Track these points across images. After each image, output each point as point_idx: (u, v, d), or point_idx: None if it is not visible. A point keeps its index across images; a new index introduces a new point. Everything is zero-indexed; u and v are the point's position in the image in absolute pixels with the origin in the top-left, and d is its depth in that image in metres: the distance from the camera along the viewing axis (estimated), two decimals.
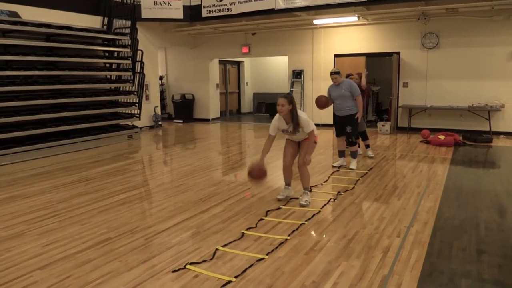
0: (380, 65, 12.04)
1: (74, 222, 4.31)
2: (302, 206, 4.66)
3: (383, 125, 10.50)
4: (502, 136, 9.71)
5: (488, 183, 5.72)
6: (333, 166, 6.63)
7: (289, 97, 4.50)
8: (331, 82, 6.56)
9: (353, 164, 6.54)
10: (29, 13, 8.72)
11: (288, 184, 4.98)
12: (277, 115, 4.62)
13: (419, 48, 10.48)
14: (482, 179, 6.01)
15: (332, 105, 6.66)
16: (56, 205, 4.89)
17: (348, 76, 7.83)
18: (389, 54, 10.76)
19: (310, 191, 5.06)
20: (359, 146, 7.42)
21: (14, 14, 8.40)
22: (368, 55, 11.05)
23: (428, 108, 10.26)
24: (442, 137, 8.66)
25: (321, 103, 6.50)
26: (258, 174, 4.48)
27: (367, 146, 7.53)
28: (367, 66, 10.97)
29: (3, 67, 7.72)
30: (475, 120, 9.88)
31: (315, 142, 4.74)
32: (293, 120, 4.50)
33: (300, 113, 4.57)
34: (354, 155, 6.61)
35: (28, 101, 7.97)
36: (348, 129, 6.43)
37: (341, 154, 6.74)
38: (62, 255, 3.49)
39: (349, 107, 6.41)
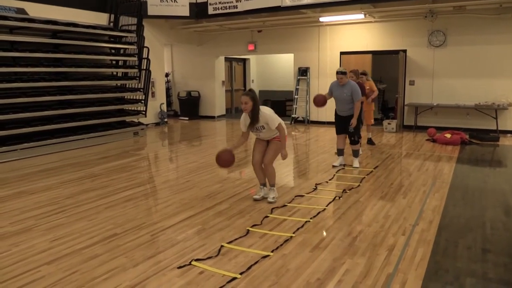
0: (387, 63, 12.00)
1: (81, 218, 4.35)
2: (270, 203, 4.69)
3: (389, 123, 10.46)
4: (509, 135, 9.63)
5: (495, 182, 5.70)
6: (334, 166, 6.61)
7: (251, 94, 4.50)
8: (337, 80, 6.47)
9: (356, 163, 6.52)
10: (36, 10, 8.78)
11: (262, 184, 4.92)
12: (244, 113, 4.62)
13: (425, 46, 10.41)
14: (488, 178, 5.98)
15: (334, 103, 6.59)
16: (63, 201, 4.94)
17: (361, 74, 7.79)
18: (396, 52, 10.70)
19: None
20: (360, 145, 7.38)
21: (22, 11, 8.46)
22: (374, 53, 11.01)
23: (435, 106, 10.20)
24: (448, 135, 8.62)
25: (319, 102, 6.31)
26: (225, 156, 4.46)
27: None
28: (373, 64, 10.95)
29: (10, 64, 7.77)
30: (482, 119, 9.81)
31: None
32: (253, 116, 4.50)
33: (264, 108, 4.57)
34: (356, 153, 6.59)
35: (35, 97, 8.03)
36: (351, 129, 6.39)
37: (340, 152, 6.68)
38: (69, 250, 3.52)
39: (351, 109, 6.33)
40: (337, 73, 6.24)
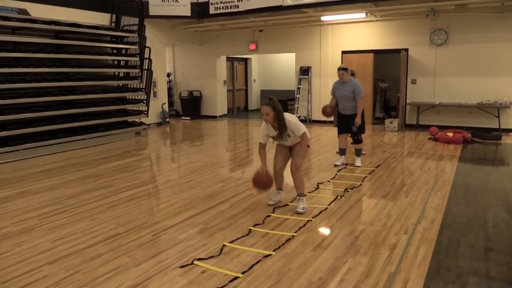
0: (388, 62, 11.98)
1: (83, 217, 4.36)
2: (298, 213, 4.35)
3: (391, 122, 10.44)
4: (511, 133, 9.61)
5: (497, 181, 5.68)
6: (335, 165, 6.60)
7: (272, 103, 4.15)
8: (338, 79, 6.48)
9: (358, 162, 6.51)
10: (38, 10, 8.80)
11: (279, 188, 4.79)
12: (264, 122, 4.34)
13: (427, 45, 10.39)
14: (490, 177, 5.96)
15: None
16: (65, 201, 4.95)
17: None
18: (397, 51, 10.68)
19: (305, 195, 4.76)
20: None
21: (24, 11, 8.48)
22: (376, 52, 10.99)
23: (437, 105, 10.18)
24: (450, 134, 8.60)
25: (327, 113, 6.49)
26: (264, 181, 4.29)
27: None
28: (375, 62, 10.94)
29: (12, 64, 7.79)
30: (484, 117, 9.79)
31: (308, 146, 4.48)
32: (280, 125, 4.22)
33: (289, 116, 4.28)
34: (358, 153, 6.58)
35: (37, 97, 8.04)
36: (354, 128, 6.38)
37: (342, 152, 6.66)
38: (71, 250, 3.53)
39: (353, 107, 6.31)
40: (339, 69, 6.26)
